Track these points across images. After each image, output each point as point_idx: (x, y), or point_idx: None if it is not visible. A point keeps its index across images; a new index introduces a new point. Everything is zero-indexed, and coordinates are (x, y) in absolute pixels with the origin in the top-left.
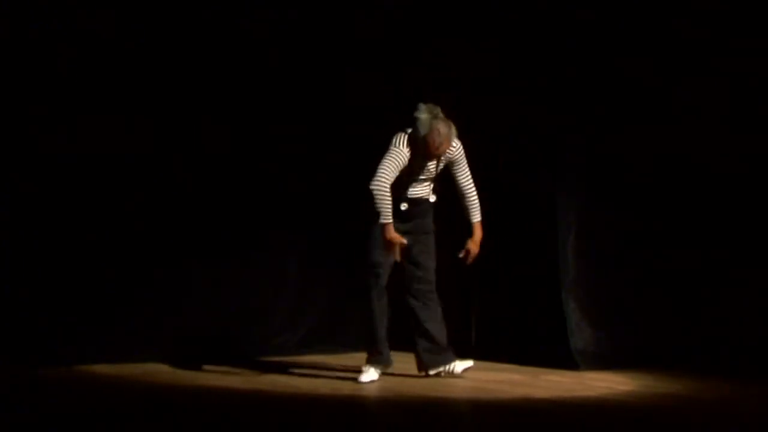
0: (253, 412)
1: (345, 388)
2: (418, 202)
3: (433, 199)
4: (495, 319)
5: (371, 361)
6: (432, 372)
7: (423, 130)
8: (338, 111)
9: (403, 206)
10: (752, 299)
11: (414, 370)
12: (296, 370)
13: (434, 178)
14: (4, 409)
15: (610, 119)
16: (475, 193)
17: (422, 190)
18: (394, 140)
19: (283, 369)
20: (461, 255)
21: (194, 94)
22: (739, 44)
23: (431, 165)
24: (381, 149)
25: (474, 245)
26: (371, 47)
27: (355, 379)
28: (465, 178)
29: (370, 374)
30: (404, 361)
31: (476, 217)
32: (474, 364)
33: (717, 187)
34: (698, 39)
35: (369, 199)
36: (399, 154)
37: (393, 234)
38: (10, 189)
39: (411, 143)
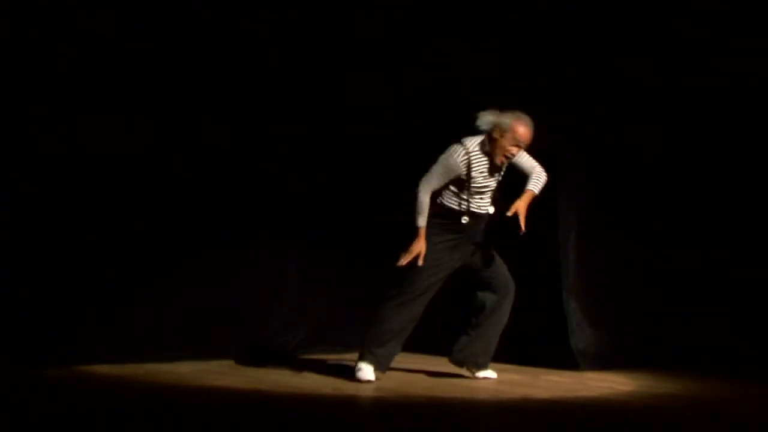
0: (253, 412)
1: (346, 388)
2: (479, 217)
3: (492, 210)
4: None
5: (365, 359)
6: (460, 367)
7: (508, 122)
8: (338, 111)
9: (464, 219)
10: (752, 299)
11: (413, 369)
12: (297, 370)
13: (498, 187)
14: (4, 409)
15: (610, 119)
16: (542, 172)
17: (485, 202)
18: (449, 150)
19: (284, 369)
20: (509, 213)
21: (194, 94)
22: (739, 44)
23: (498, 174)
24: (381, 149)
25: (520, 204)
26: (371, 47)
27: (353, 375)
28: (527, 160)
29: (366, 372)
30: (406, 362)
31: (533, 185)
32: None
33: (717, 187)
34: (698, 39)
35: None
36: (450, 165)
37: (422, 240)
38: (10, 189)
39: (479, 152)
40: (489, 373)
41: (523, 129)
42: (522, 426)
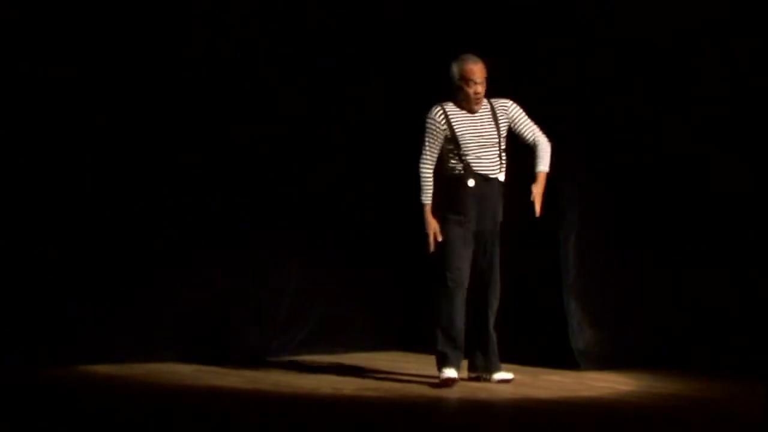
0: (254, 413)
1: (346, 388)
2: (488, 180)
3: (502, 178)
4: (496, 318)
5: (443, 364)
6: (474, 375)
7: (455, 68)
8: (338, 111)
9: (471, 182)
10: (753, 299)
11: (412, 370)
12: (297, 370)
13: (498, 144)
14: (4, 409)
15: (611, 119)
16: (546, 142)
17: (490, 164)
18: (426, 116)
19: (285, 369)
20: (532, 198)
21: (193, 94)
22: (739, 44)
23: (488, 125)
24: (382, 150)
25: (535, 189)
26: (371, 47)
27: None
28: (530, 130)
29: (447, 372)
30: (405, 361)
31: (541, 166)
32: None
33: (719, 187)
34: (697, 38)
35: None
36: (431, 123)
37: (430, 218)
38: (10, 189)
39: (454, 107)
40: (503, 375)
41: (469, 66)
42: (522, 426)
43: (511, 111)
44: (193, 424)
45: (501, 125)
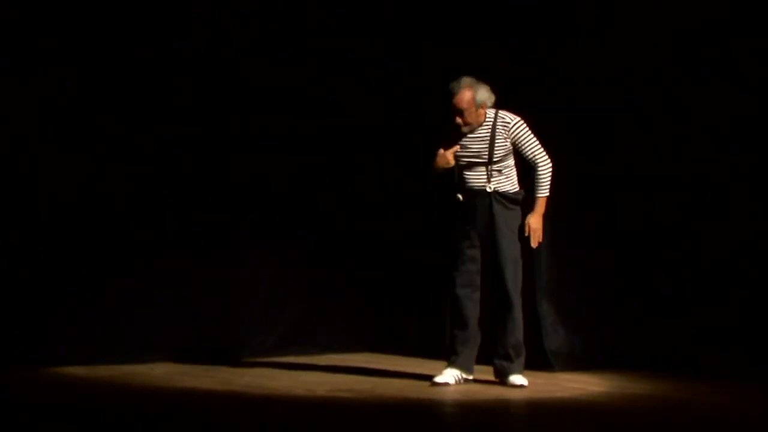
0: (227, 414)
1: (320, 389)
2: (476, 194)
3: (490, 188)
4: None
5: (448, 362)
6: (500, 379)
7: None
8: (333, 111)
9: (459, 196)
10: (725, 300)
11: (385, 372)
12: (271, 372)
13: (487, 163)
14: None
15: (586, 121)
16: (543, 167)
17: (477, 178)
18: None
19: (258, 370)
20: (526, 234)
21: (189, 94)
22: (739, 44)
23: (482, 141)
24: (362, 154)
25: (533, 220)
26: (370, 47)
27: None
28: (530, 152)
29: (444, 375)
30: (379, 362)
31: (538, 191)
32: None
33: (692, 189)
34: (697, 38)
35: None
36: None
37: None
38: (5, 190)
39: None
40: (516, 379)
41: (451, 96)
42: (495, 427)
43: (512, 130)
44: (166, 425)
45: (497, 142)
